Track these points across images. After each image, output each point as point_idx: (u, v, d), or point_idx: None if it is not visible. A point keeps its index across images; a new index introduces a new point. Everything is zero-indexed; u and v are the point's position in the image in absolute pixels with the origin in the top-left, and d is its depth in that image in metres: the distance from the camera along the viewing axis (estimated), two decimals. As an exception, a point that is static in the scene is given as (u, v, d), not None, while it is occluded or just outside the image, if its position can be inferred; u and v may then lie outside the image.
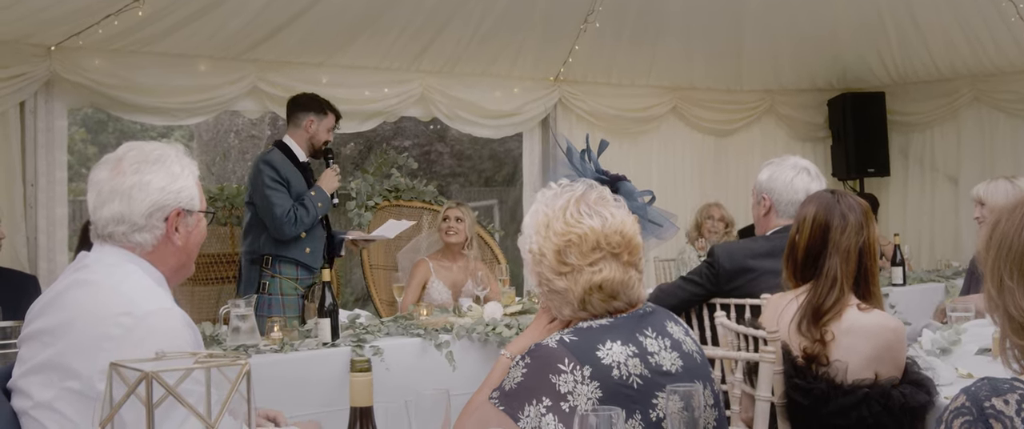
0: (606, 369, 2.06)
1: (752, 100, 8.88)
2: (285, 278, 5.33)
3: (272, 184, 5.22)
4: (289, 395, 3.80)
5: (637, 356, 2.11)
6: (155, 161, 2.32)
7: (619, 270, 2.19)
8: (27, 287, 4.91)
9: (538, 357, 2.09)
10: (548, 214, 2.23)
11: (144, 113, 6.29)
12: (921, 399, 2.77)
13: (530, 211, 2.30)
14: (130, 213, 2.27)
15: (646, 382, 2.09)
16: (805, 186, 3.87)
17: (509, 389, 2.11)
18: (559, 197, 2.25)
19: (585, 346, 2.09)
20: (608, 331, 2.14)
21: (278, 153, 5.39)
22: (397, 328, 4.43)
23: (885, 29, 7.88)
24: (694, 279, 4.08)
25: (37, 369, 2.17)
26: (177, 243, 2.35)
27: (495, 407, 2.11)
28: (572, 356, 2.06)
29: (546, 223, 2.22)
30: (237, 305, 4.09)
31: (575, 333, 2.14)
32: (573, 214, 2.20)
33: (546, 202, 2.26)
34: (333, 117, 5.50)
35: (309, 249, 5.35)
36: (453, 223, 5.90)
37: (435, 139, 14.10)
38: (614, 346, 2.10)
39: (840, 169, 8.87)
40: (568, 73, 7.87)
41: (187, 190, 2.34)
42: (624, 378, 2.07)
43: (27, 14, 5.33)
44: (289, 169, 5.29)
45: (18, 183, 5.74)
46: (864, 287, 2.99)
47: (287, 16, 6.13)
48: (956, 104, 8.53)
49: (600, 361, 2.07)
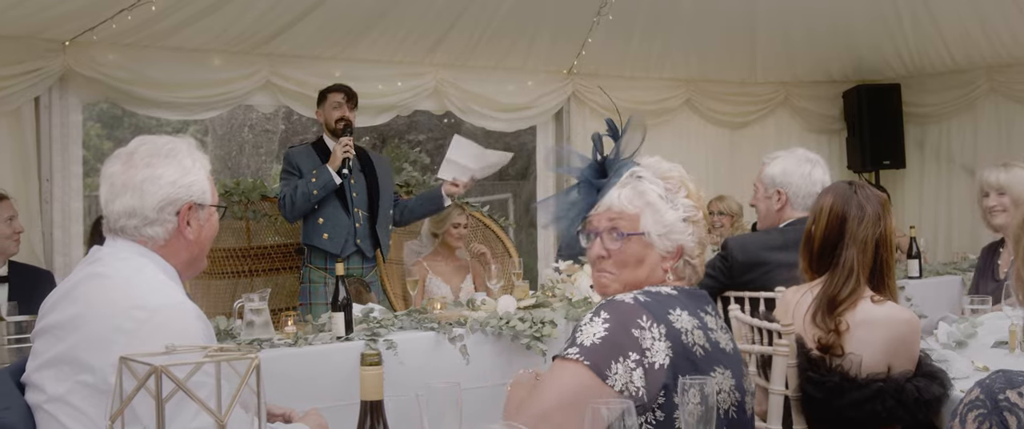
0: (677, 333, 2.14)
1: (766, 92, 8.83)
2: (315, 268, 5.47)
3: (283, 175, 5.54)
4: (303, 389, 3.81)
5: (701, 329, 2.20)
6: (167, 155, 2.32)
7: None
8: (42, 282, 4.94)
9: (618, 311, 2.14)
10: (681, 178, 2.37)
11: (158, 108, 6.31)
12: (935, 392, 2.75)
13: (644, 186, 2.35)
14: (142, 206, 2.28)
15: (707, 354, 2.17)
16: (821, 178, 3.86)
17: (591, 345, 2.09)
18: (674, 170, 2.40)
19: (658, 308, 2.17)
20: (675, 300, 2.23)
21: (300, 147, 5.70)
22: (411, 322, 4.42)
23: (900, 20, 7.82)
24: (708, 272, 4.06)
25: (50, 363, 2.18)
26: (189, 237, 2.35)
27: (578, 362, 2.07)
28: (648, 313, 2.13)
29: (683, 183, 2.36)
30: (251, 299, 4.09)
31: (646, 294, 2.21)
32: (692, 182, 2.39)
33: (665, 170, 2.38)
34: (336, 94, 5.65)
35: (327, 235, 5.46)
36: (462, 231, 5.97)
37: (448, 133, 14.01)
38: (683, 314, 2.19)
39: (855, 161, 8.81)
40: (581, 66, 7.84)
41: (199, 184, 2.35)
42: (691, 345, 2.15)
43: (41, 9, 5.35)
44: (306, 158, 5.52)
45: (33, 178, 5.76)
46: (879, 279, 2.97)
47: (300, 10, 6.13)
48: (972, 95, 8.46)
49: (672, 324, 2.15)
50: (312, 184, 5.36)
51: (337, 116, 5.59)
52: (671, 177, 2.36)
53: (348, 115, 5.63)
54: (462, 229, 5.95)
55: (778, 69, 8.67)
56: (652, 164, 2.40)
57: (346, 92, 5.67)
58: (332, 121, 5.60)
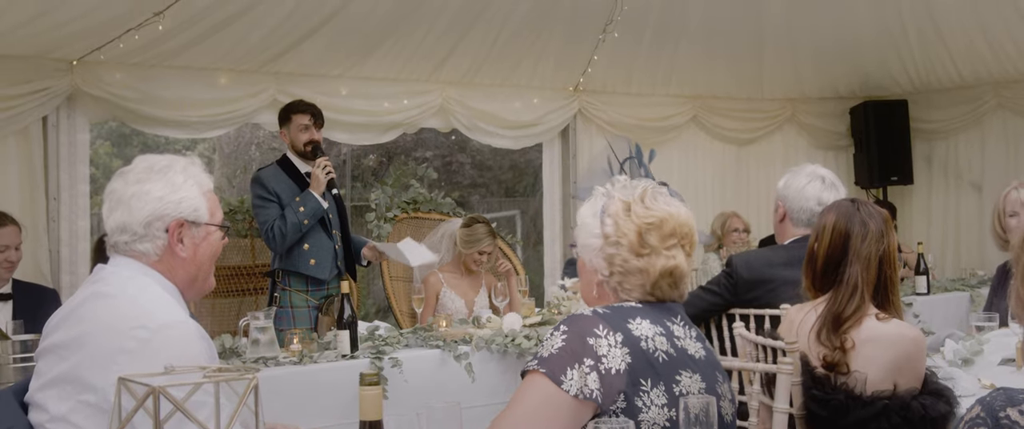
0: (636, 339, 2.18)
1: (773, 109, 8.83)
2: (295, 291, 5.34)
3: (259, 201, 5.28)
4: (308, 407, 3.81)
5: (664, 335, 2.24)
6: (159, 171, 2.33)
7: (685, 261, 2.35)
8: (47, 300, 4.95)
9: (575, 323, 2.21)
10: (627, 200, 2.34)
11: (165, 126, 6.33)
12: (941, 409, 2.74)
13: (590, 204, 2.41)
14: (130, 222, 2.29)
15: (671, 359, 2.20)
16: (817, 194, 3.84)
17: (549, 355, 2.17)
18: (634, 187, 2.38)
19: (617, 318, 2.22)
20: (637, 311, 2.26)
21: (271, 168, 5.44)
22: (416, 339, 4.42)
23: (907, 36, 7.82)
24: (713, 289, 4.06)
25: (53, 383, 2.18)
26: (181, 255, 2.33)
27: (535, 371, 2.17)
28: (606, 323, 2.18)
29: (627, 207, 2.33)
30: (256, 317, 4.09)
31: (607, 308, 2.27)
32: (651, 200, 2.34)
33: (620, 191, 2.37)
34: (300, 116, 5.39)
35: (314, 260, 5.32)
36: (484, 259, 5.89)
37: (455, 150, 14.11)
38: (643, 322, 2.23)
39: (863, 178, 8.79)
40: (588, 83, 7.86)
41: (189, 201, 2.33)
42: (651, 350, 2.18)
43: (49, 29, 5.38)
44: (281, 182, 5.31)
45: (41, 197, 5.79)
46: (884, 296, 2.96)
47: (307, 29, 6.15)
48: (980, 111, 8.44)
49: (631, 332, 2.19)
50: (300, 213, 5.18)
51: (305, 139, 5.35)
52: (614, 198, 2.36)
53: (316, 137, 5.40)
54: (485, 257, 5.89)
55: (785, 85, 8.67)
56: (621, 180, 2.41)
57: (312, 113, 5.42)
58: (300, 144, 5.35)
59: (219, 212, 2.46)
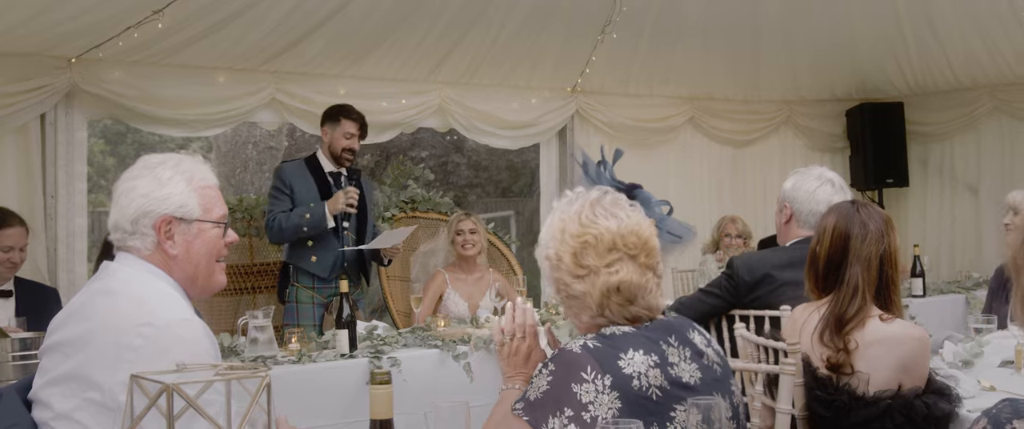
0: (626, 379, 2.06)
1: (770, 110, 8.85)
2: (302, 287, 5.40)
3: (273, 192, 5.47)
4: (306, 406, 3.80)
5: (658, 366, 2.10)
6: (149, 168, 2.33)
7: (636, 272, 2.19)
8: (48, 299, 4.94)
9: (562, 363, 2.09)
10: (564, 219, 2.24)
11: (163, 124, 6.32)
12: (944, 408, 2.74)
13: (547, 221, 2.32)
14: (120, 219, 2.30)
15: (665, 394, 2.09)
16: (828, 198, 3.83)
17: (534, 399, 2.10)
18: (573, 203, 2.27)
19: (608, 353, 2.09)
20: (631, 339, 2.14)
21: (295, 163, 5.58)
22: (415, 339, 4.42)
23: (904, 39, 7.84)
24: (714, 291, 4.06)
25: (58, 380, 2.17)
26: (171, 252, 2.32)
27: (519, 418, 2.10)
28: (595, 363, 2.06)
29: (562, 228, 2.23)
30: (255, 316, 4.09)
31: (599, 338, 2.14)
32: (588, 216, 2.22)
33: (561, 209, 2.28)
34: (350, 123, 5.51)
35: (315, 258, 5.39)
36: (468, 236, 5.90)
37: (452, 150, 14.10)
38: (636, 355, 2.09)
39: (859, 180, 8.81)
40: (585, 84, 7.86)
41: (176, 197, 2.31)
42: (644, 389, 2.06)
43: (48, 27, 5.37)
44: (301, 178, 5.41)
45: (38, 195, 5.77)
46: (885, 296, 2.97)
47: (305, 28, 6.15)
48: (976, 114, 8.47)
49: (621, 370, 2.07)
50: (304, 219, 5.27)
51: (345, 147, 5.48)
52: (555, 216, 2.28)
53: (355, 147, 5.54)
54: (470, 235, 5.89)
55: (782, 87, 8.69)
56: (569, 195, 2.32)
57: (360, 123, 5.54)
58: (338, 149, 5.48)
59: (218, 208, 2.43)
